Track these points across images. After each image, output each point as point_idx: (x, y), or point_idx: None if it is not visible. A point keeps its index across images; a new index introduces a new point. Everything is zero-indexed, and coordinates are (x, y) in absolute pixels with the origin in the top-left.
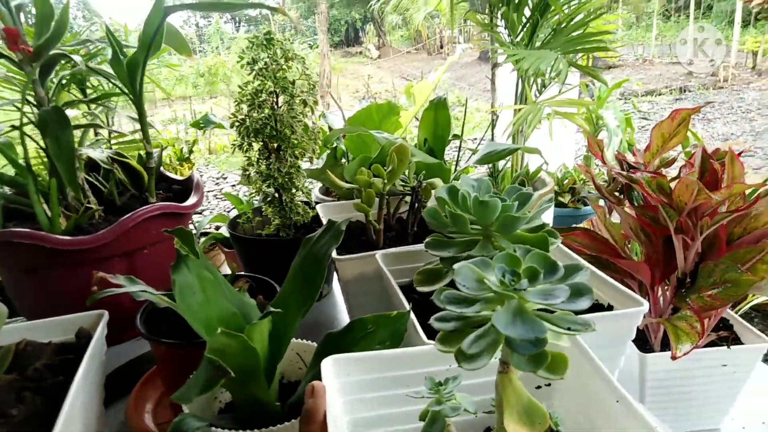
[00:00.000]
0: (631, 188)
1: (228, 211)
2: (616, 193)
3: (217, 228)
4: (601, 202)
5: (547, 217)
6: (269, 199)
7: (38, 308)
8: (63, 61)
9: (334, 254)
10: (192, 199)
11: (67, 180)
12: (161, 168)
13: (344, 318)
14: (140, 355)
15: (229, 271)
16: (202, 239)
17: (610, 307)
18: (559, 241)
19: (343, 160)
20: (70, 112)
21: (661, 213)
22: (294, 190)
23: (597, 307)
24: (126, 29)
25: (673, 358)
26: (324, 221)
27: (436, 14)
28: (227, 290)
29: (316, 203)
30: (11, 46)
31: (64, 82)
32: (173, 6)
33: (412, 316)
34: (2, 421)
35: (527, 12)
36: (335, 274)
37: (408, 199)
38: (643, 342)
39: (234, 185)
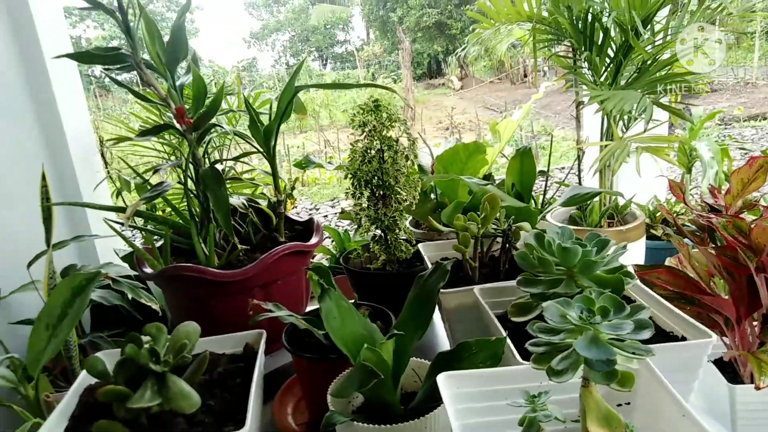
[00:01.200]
0: (712, 229)
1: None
2: (698, 233)
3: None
4: (687, 240)
5: (640, 250)
6: (377, 238)
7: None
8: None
9: None
10: (314, 239)
11: (225, 225)
12: (285, 211)
13: (443, 340)
14: (279, 366)
15: None
16: None
17: (683, 338)
18: (635, 280)
19: (432, 195)
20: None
21: (741, 254)
22: (397, 231)
23: (672, 338)
24: (224, 71)
25: (757, 388)
26: (426, 258)
27: (519, 43)
28: (357, 316)
29: (417, 242)
30: (179, 120)
31: (212, 144)
32: (301, 86)
33: (508, 341)
34: (205, 409)
35: (610, 52)
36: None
37: (499, 240)
38: (734, 374)
39: (326, 216)
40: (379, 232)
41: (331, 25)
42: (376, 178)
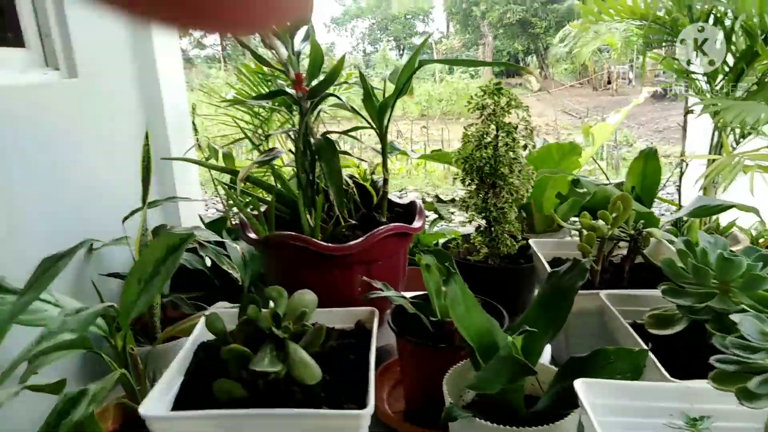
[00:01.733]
0: None
1: None
2: None
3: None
4: None
5: None
6: (481, 229)
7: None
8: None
9: None
10: (418, 222)
11: (337, 198)
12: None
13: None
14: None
15: None
16: None
17: None
18: None
19: None
20: None
21: None
22: (504, 224)
23: None
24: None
25: None
26: (540, 255)
27: (605, 48)
28: (480, 310)
29: (524, 238)
30: (296, 86)
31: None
32: (424, 60)
33: (651, 354)
34: (321, 382)
35: (729, 59)
36: None
37: (621, 244)
38: None
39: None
40: (483, 222)
41: (411, 15)
42: (488, 165)
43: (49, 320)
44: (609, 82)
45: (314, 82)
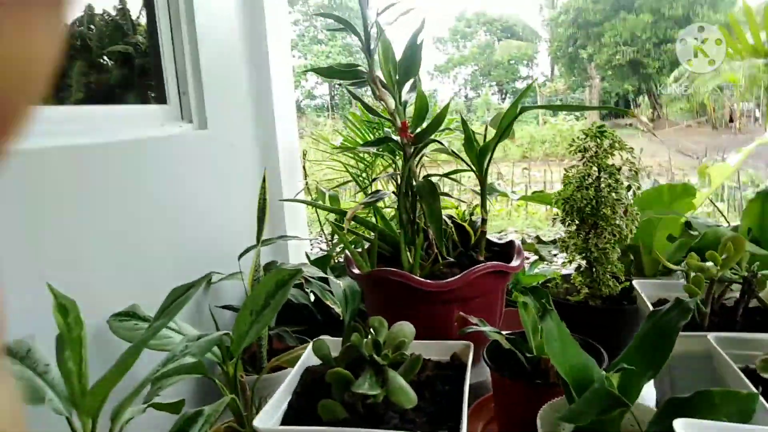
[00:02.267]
0: None
1: None
2: None
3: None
4: None
5: None
6: (582, 270)
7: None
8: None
9: None
10: (516, 262)
11: (436, 236)
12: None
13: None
14: (472, 383)
15: None
16: None
17: None
18: None
19: None
20: None
21: None
22: (606, 264)
23: None
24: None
25: None
26: (643, 296)
27: (726, 86)
28: (576, 347)
29: (628, 279)
30: (401, 133)
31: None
32: (526, 106)
33: (761, 399)
34: (416, 409)
35: None
36: None
37: (733, 287)
38: None
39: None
40: (584, 263)
41: (515, 60)
42: (589, 206)
43: (173, 345)
44: (731, 121)
45: (419, 129)
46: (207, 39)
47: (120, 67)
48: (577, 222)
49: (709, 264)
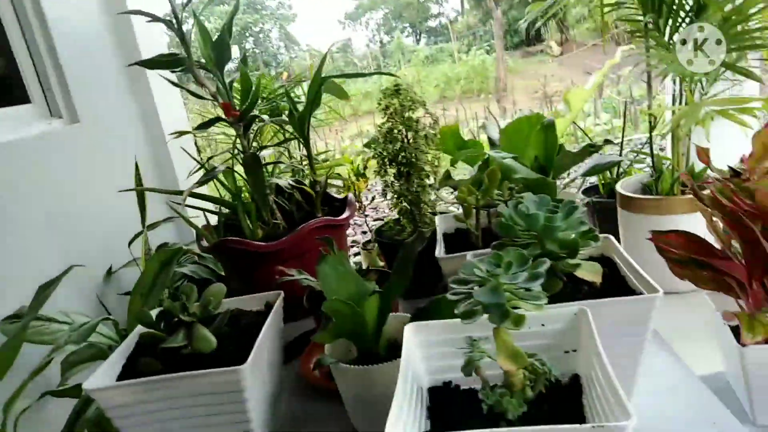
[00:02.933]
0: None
1: None
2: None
3: None
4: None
5: None
6: (404, 212)
7: (243, 290)
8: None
9: (440, 254)
10: (345, 214)
11: (261, 205)
12: (326, 190)
13: None
14: (309, 330)
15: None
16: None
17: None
18: (595, 243)
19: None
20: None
21: (744, 218)
22: (422, 205)
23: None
24: (321, 53)
25: (742, 345)
26: (438, 229)
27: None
28: (353, 279)
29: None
30: (227, 113)
31: (257, 132)
32: (326, 76)
33: None
34: (228, 351)
35: (682, 14)
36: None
37: None
38: None
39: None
40: (405, 205)
41: None
42: (400, 156)
43: (59, 336)
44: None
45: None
46: (63, 32)
47: None
48: (393, 171)
49: (471, 196)
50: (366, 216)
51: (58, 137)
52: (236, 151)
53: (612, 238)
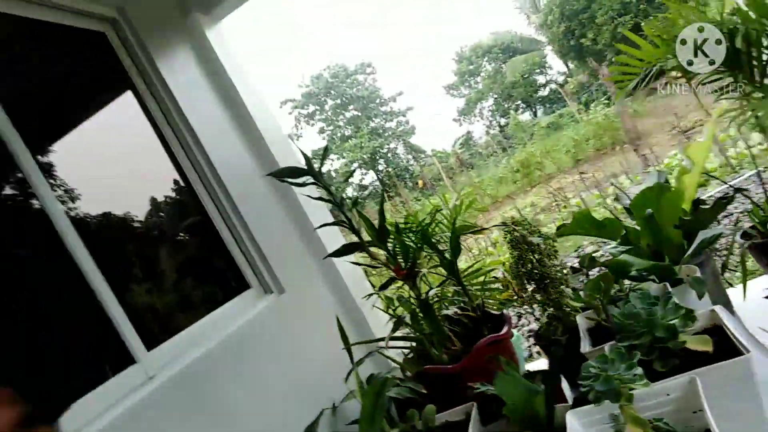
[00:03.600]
0: None
1: None
2: None
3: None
4: None
5: None
6: (551, 317)
7: (441, 404)
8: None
9: (585, 349)
10: (504, 329)
11: (439, 337)
12: (485, 309)
13: None
14: None
15: None
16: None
17: None
18: (693, 323)
19: None
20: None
21: None
22: (564, 307)
23: None
24: (446, 153)
25: None
26: (579, 327)
27: None
28: (522, 384)
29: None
30: (397, 274)
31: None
32: (459, 227)
33: None
34: None
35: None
36: None
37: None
38: None
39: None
40: (552, 310)
41: (527, 73)
42: (533, 273)
43: None
44: None
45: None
46: (258, 224)
47: (208, 284)
48: (531, 287)
49: (596, 299)
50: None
51: (274, 308)
52: (409, 296)
53: (718, 309)
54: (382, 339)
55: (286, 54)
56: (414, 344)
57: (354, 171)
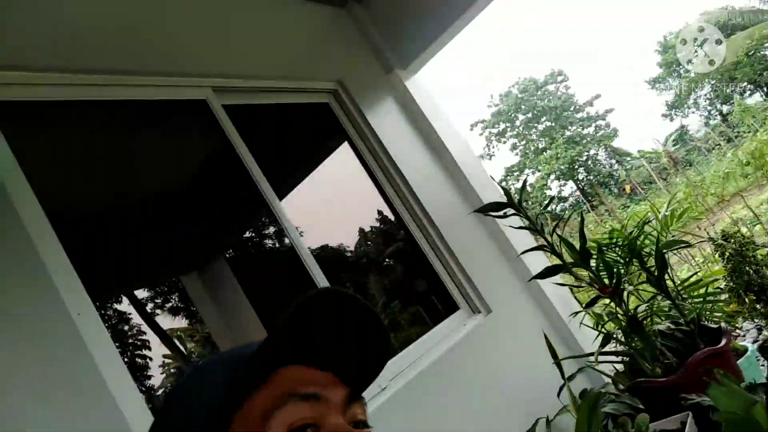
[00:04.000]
0: None
1: None
2: None
3: None
4: None
5: None
6: None
7: (653, 416)
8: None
9: None
10: (722, 342)
11: (651, 351)
12: (701, 322)
13: None
14: None
15: None
16: None
17: None
18: None
19: None
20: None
21: None
22: None
23: None
24: (656, 153)
25: None
26: None
27: None
28: (740, 393)
29: None
30: (602, 292)
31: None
32: (664, 245)
33: None
34: None
35: None
36: None
37: None
38: None
39: None
40: None
41: (753, 50)
42: (752, 285)
43: None
44: None
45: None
46: (461, 248)
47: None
48: (751, 299)
49: None
50: None
51: (483, 327)
52: (616, 312)
53: None
54: (591, 354)
55: (471, 77)
56: (625, 358)
57: (551, 201)
